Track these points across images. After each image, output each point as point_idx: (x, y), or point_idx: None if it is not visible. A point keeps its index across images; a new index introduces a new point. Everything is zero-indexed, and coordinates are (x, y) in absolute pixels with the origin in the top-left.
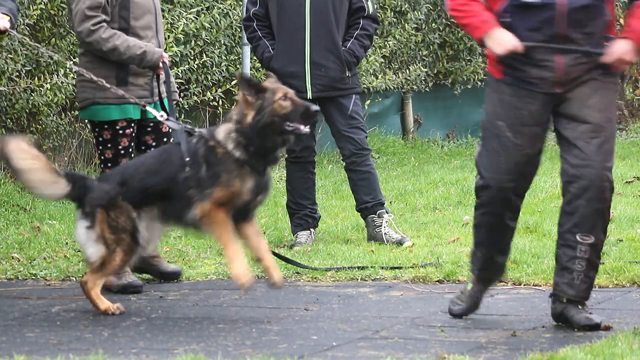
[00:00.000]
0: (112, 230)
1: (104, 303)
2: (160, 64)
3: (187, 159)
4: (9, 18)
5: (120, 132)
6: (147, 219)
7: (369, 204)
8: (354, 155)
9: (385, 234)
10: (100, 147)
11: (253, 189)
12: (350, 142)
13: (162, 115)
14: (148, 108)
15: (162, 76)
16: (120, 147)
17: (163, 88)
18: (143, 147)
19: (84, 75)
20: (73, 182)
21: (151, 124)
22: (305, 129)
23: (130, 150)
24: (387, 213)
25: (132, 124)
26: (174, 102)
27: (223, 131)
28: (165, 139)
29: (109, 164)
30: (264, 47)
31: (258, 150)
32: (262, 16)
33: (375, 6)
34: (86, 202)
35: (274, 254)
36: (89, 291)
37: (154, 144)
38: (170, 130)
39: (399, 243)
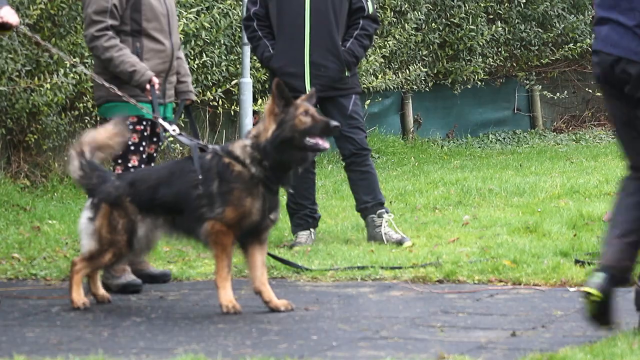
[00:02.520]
0: (109, 229)
1: (78, 293)
2: (148, 87)
3: (200, 177)
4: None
5: (130, 127)
6: (149, 227)
7: (368, 204)
8: (353, 155)
9: (385, 234)
10: (124, 156)
11: (263, 208)
12: (350, 142)
13: (174, 130)
14: (160, 121)
15: (175, 79)
16: (130, 143)
17: (172, 92)
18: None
19: (101, 74)
20: (86, 171)
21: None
22: (325, 144)
23: (141, 148)
24: (387, 213)
25: (144, 122)
26: (190, 102)
27: (239, 147)
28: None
29: (119, 161)
30: (264, 47)
31: (273, 165)
32: (263, 16)
33: (375, 6)
34: (96, 194)
35: (270, 255)
36: (74, 274)
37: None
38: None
39: (399, 243)
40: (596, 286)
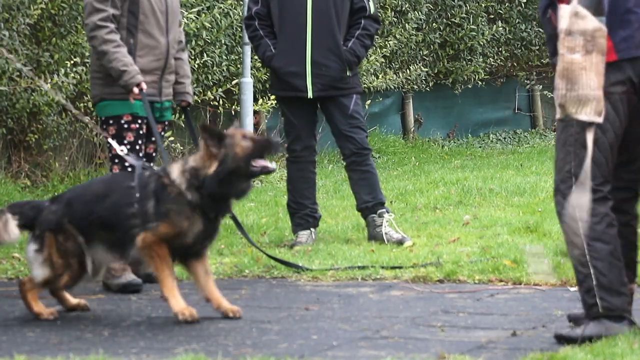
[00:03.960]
0: (60, 255)
1: (39, 306)
2: (136, 90)
3: (137, 194)
4: None
5: (125, 126)
6: (95, 248)
7: (369, 204)
8: (354, 155)
9: (385, 233)
10: (108, 144)
11: (199, 235)
12: (350, 142)
13: (122, 150)
14: (110, 141)
15: (173, 78)
16: (125, 141)
17: (170, 90)
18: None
19: (95, 73)
20: (20, 213)
21: (159, 124)
22: (272, 166)
23: (137, 147)
24: (388, 213)
25: (139, 120)
26: (186, 104)
27: (177, 170)
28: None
29: (116, 160)
30: (265, 47)
31: (212, 197)
32: (264, 15)
33: (377, 6)
34: (36, 225)
35: (270, 256)
36: (26, 293)
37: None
38: (162, 130)
39: (400, 243)
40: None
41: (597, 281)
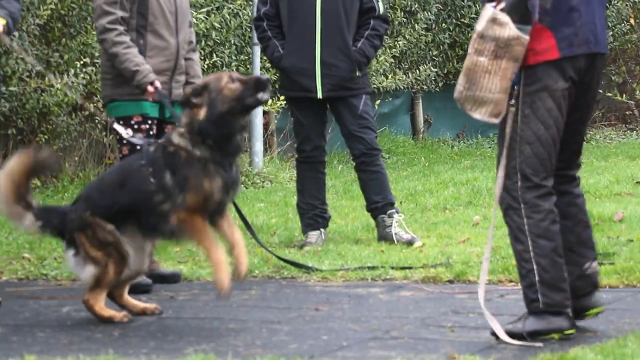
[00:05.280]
0: (95, 247)
1: (109, 312)
2: (151, 88)
3: (151, 170)
4: (4, 22)
5: (136, 127)
6: (127, 234)
7: (379, 204)
8: (364, 155)
9: (395, 234)
10: (119, 145)
11: (222, 187)
12: (360, 142)
13: (127, 133)
14: (115, 126)
15: (183, 78)
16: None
17: (180, 91)
18: None
19: (105, 74)
20: (44, 218)
21: (170, 125)
22: (264, 95)
23: None
24: (398, 213)
25: (149, 121)
26: None
27: (176, 136)
28: None
29: (124, 141)
30: (274, 47)
31: (217, 142)
32: (273, 16)
33: (386, 6)
34: (65, 232)
35: (279, 257)
36: (93, 307)
37: None
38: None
39: (409, 243)
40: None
41: (540, 277)
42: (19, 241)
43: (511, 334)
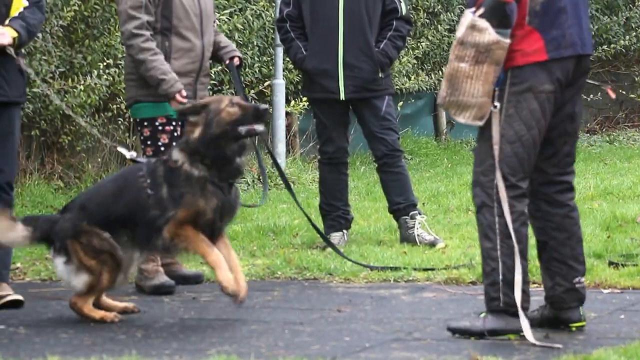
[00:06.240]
0: (91, 255)
1: (99, 313)
2: (179, 98)
3: (149, 183)
4: (16, 36)
5: (160, 128)
6: (123, 245)
7: (401, 205)
8: (386, 157)
9: (417, 235)
10: (143, 146)
11: (217, 209)
12: (382, 144)
13: (130, 155)
14: (119, 149)
15: (207, 80)
16: (159, 143)
17: (205, 93)
18: None
19: (130, 75)
20: (33, 226)
21: None
22: (259, 127)
23: None
24: (420, 214)
25: (173, 122)
26: (239, 62)
27: (176, 153)
28: None
29: (149, 142)
30: (297, 49)
31: (214, 162)
32: (296, 17)
33: (409, 7)
34: (54, 238)
35: (338, 252)
36: (81, 309)
37: None
38: None
39: (432, 244)
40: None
41: (503, 277)
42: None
43: (471, 332)
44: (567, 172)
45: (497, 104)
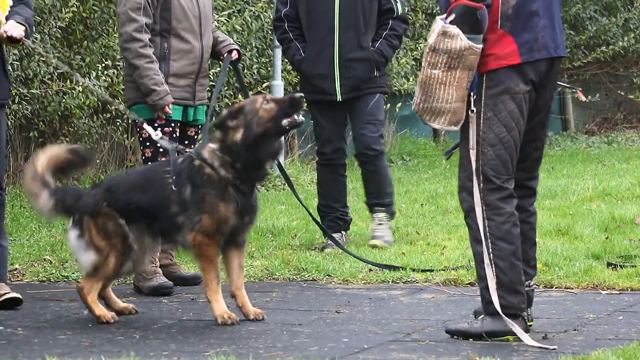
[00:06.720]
0: (102, 236)
1: (99, 309)
2: (166, 109)
3: (174, 180)
4: (24, 28)
5: (159, 129)
6: (136, 232)
7: (371, 202)
8: (361, 155)
9: (374, 235)
10: (142, 147)
11: (237, 212)
12: (360, 140)
13: (157, 135)
14: (145, 126)
15: (206, 82)
16: (158, 145)
17: (204, 94)
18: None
19: (129, 77)
20: (58, 195)
21: (193, 128)
22: (299, 117)
23: None
24: (387, 212)
25: (172, 124)
26: (237, 57)
27: (208, 151)
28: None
29: (147, 143)
30: (295, 50)
31: (247, 166)
32: (293, 17)
33: (407, 8)
34: (75, 211)
35: (348, 252)
36: (85, 296)
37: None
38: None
39: (377, 243)
40: None
41: (498, 279)
42: (40, 243)
43: (469, 334)
44: (533, 177)
45: (474, 108)
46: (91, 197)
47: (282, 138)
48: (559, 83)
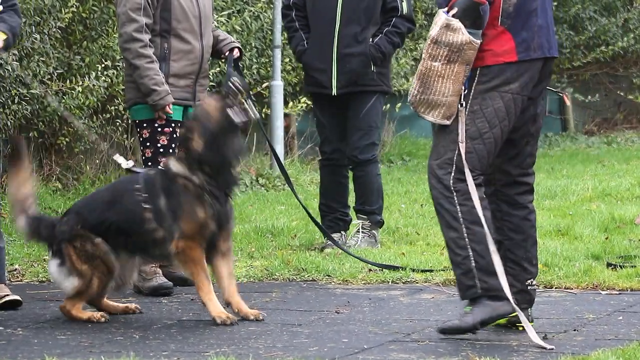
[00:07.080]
0: (83, 260)
1: (86, 313)
2: (167, 109)
3: (145, 194)
4: (4, 37)
5: (159, 129)
6: (116, 250)
7: (355, 207)
8: (349, 159)
9: (352, 238)
10: (142, 147)
11: (214, 217)
12: (349, 145)
13: (127, 164)
14: (115, 157)
15: (207, 82)
16: (159, 145)
17: (204, 95)
18: None
19: (129, 77)
20: (33, 224)
21: None
22: (244, 106)
23: (171, 150)
24: (367, 221)
25: (172, 124)
26: (239, 54)
27: (174, 163)
28: None
29: (149, 163)
30: (299, 40)
31: (214, 168)
32: (301, 6)
33: (412, 8)
34: (51, 240)
35: (348, 252)
36: (69, 312)
37: None
38: None
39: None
40: None
41: (477, 263)
42: (40, 244)
43: (463, 329)
44: (528, 173)
45: (463, 102)
46: (65, 224)
47: (243, 137)
48: (548, 87)
